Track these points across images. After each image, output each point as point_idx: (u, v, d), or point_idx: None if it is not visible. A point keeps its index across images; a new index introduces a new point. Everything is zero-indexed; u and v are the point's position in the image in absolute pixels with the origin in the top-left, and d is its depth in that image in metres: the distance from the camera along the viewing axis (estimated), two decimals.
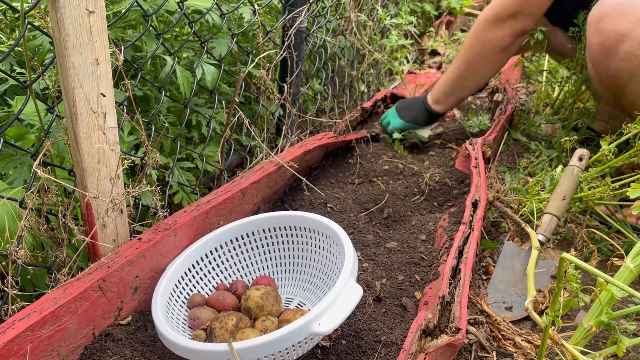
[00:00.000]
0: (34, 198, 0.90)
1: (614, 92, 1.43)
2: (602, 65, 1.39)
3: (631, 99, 1.36)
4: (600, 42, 1.36)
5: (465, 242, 1.13)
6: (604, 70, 1.39)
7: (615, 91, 1.42)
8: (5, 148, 1.03)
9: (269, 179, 1.33)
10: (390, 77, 2.62)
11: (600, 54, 1.37)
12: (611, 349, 0.83)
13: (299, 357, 0.90)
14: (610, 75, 1.37)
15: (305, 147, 1.47)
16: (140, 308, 1.01)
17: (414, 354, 0.82)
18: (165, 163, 1.34)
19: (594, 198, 1.30)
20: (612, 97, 1.48)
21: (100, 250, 0.97)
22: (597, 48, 1.38)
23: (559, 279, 0.77)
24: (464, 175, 1.54)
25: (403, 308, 1.04)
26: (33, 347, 0.80)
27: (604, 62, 1.37)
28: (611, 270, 1.18)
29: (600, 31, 1.35)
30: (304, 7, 1.54)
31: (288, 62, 1.60)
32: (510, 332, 1.03)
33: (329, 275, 1.05)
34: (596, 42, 1.37)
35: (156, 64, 1.41)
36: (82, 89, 0.85)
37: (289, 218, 1.11)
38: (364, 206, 1.42)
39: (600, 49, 1.37)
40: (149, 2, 1.23)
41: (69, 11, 0.79)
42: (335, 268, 1.02)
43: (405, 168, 1.61)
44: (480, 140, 1.56)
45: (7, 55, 0.83)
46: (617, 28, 1.31)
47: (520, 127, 1.94)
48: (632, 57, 1.29)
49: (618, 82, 1.35)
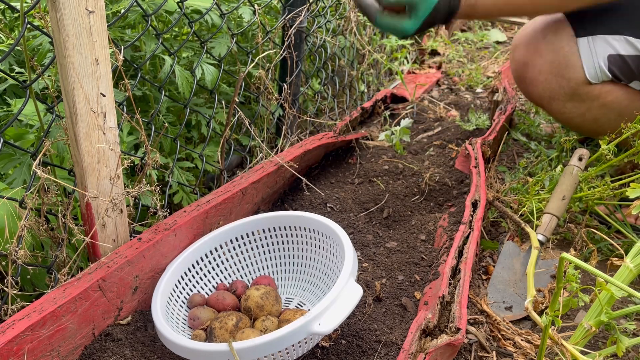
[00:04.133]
0: (33, 198, 0.90)
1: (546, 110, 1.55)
2: (521, 89, 1.56)
3: (553, 115, 1.52)
4: (514, 69, 1.54)
5: (465, 242, 1.13)
6: (525, 94, 1.55)
7: (546, 110, 1.54)
8: (4, 148, 1.03)
9: (269, 179, 1.33)
10: (390, 77, 2.62)
11: (516, 79, 1.55)
12: (611, 348, 0.83)
13: (299, 357, 0.90)
14: (530, 98, 1.53)
15: (305, 147, 1.47)
16: (140, 308, 1.01)
17: (414, 354, 0.82)
18: (165, 163, 1.34)
19: (593, 198, 1.30)
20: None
21: (100, 250, 0.97)
22: (513, 74, 1.55)
23: (559, 279, 0.77)
24: (464, 175, 1.54)
25: (403, 308, 1.04)
26: (33, 347, 0.80)
27: (521, 86, 1.54)
28: (611, 270, 1.18)
29: (513, 59, 1.53)
30: (304, 7, 1.54)
31: (288, 62, 1.60)
32: (510, 332, 1.03)
33: (329, 275, 1.05)
34: (512, 70, 1.55)
35: (155, 64, 1.41)
36: (82, 89, 0.85)
37: (289, 218, 1.11)
38: (364, 206, 1.42)
39: (515, 75, 1.54)
40: (147, 2, 1.23)
41: (68, 11, 0.79)
42: (335, 268, 1.02)
43: (405, 168, 1.61)
44: (480, 140, 1.56)
45: (7, 55, 0.83)
46: (521, 57, 1.48)
47: (520, 127, 1.94)
48: (536, 83, 1.45)
49: (537, 103, 1.51)
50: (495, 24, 3.48)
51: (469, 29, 3.62)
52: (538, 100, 1.49)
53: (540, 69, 1.43)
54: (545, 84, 1.43)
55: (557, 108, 1.45)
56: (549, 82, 1.42)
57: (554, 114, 1.49)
